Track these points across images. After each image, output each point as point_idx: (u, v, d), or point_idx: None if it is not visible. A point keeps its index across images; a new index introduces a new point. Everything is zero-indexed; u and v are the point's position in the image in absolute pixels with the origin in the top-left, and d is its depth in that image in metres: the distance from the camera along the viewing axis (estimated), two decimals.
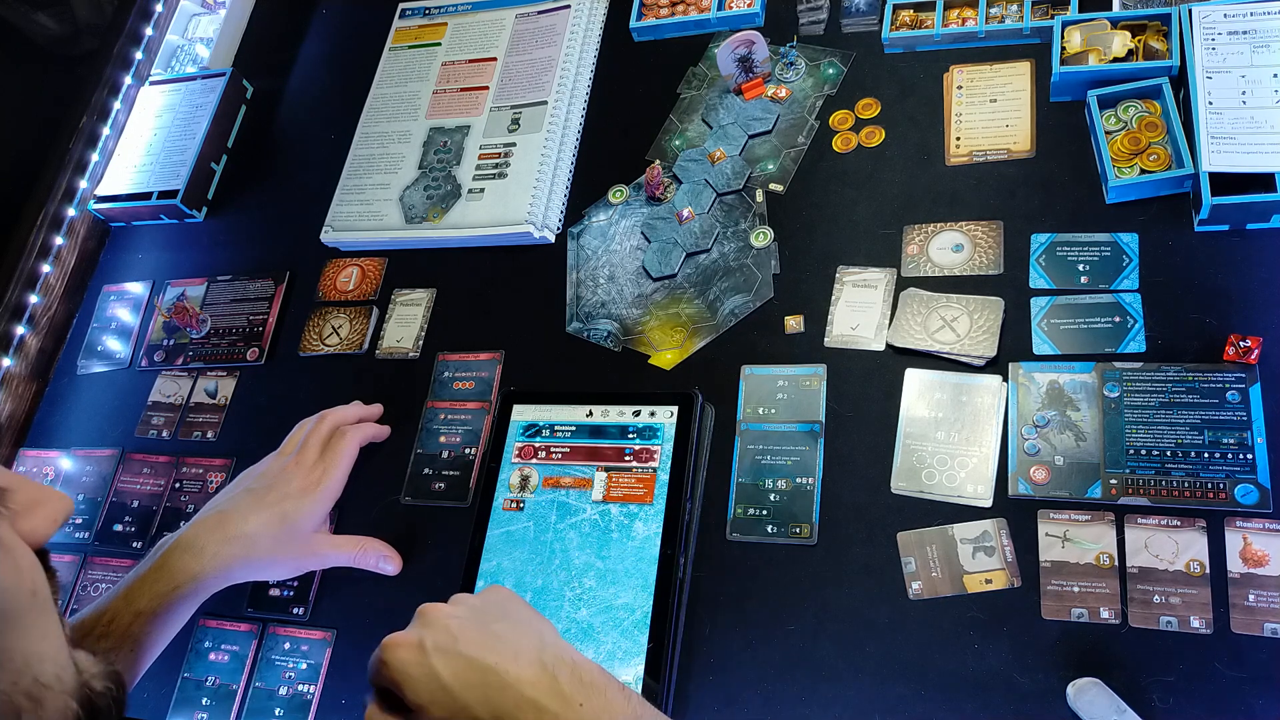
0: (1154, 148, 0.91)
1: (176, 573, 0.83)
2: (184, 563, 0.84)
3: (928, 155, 1.00)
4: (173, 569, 0.83)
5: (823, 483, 0.88)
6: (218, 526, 0.87)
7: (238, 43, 1.43)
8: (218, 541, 0.86)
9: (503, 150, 1.16)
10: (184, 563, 0.84)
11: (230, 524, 0.87)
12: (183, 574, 0.83)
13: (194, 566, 0.84)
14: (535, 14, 1.25)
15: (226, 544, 0.86)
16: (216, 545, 0.85)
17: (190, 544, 0.85)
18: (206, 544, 0.85)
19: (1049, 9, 1.02)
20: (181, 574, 0.83)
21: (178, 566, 0.84)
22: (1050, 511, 0.81)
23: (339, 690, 0.92)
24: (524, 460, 0.95)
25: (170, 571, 0.83)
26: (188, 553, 0.85)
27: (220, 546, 0.85)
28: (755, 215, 1.03)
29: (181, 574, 0.83)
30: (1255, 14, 0.90)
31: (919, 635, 0.80)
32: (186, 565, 0.84)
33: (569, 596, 0.87)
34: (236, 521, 0.87)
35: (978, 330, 0.89)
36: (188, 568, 0.84)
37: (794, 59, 1.10)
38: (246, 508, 0.89)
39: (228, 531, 0.87)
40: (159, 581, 0.83)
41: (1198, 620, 0.75)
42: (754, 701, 0.81)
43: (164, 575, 0.83)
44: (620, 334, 1.02)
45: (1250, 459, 0.78)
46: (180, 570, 0.84)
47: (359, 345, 1.11)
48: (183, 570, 0.84)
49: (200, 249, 1.27)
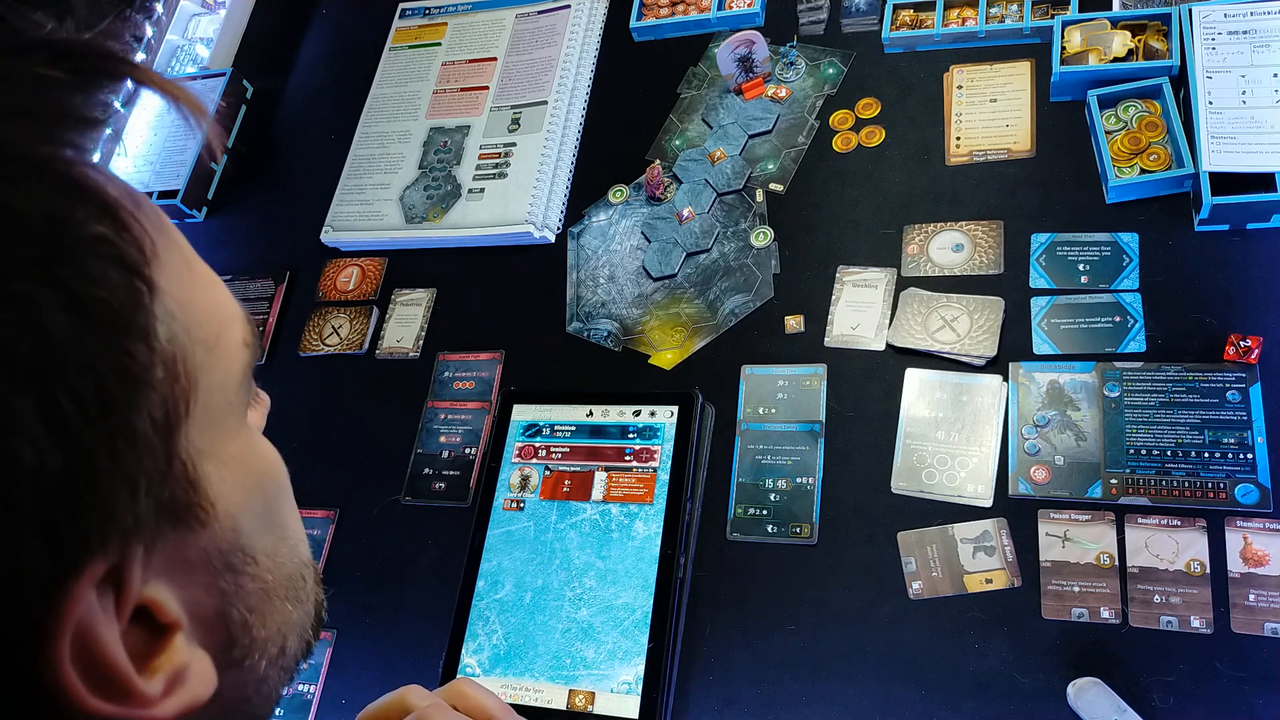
0: (1154, 147, 0.91)
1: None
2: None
3: (928, 155, 1.00)
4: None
5: (823, 483, 0.88)
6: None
7: (238, 43, 1.43)
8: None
9: (503, 150, 1.16)
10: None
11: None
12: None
13: None
14: (535, 14, 1.25)
15: None
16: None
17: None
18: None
19: (1049, 9, 1.02)
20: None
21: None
22: (1050, 511, 0.81)
23: (339, 690, 0.92)
24: (524, 460, 0.95)
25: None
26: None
27: None
28: (755, 215, 1.03)
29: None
30: (1255, 14, 0.90)
31: (919, 635, 0.80)
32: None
33: (569, 596, 0.87)
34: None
35: (978, 330, 0.89)
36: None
37: (794, 59, 1.10)
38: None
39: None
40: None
41: (1198, 620, 0.74)
42: (754, 701, 0.81)
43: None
44: (620, 334, 1.02)
45: (1250, 459, 0.78)
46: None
47: (359, 345, 1.11)
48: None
49: (200, 249, 1.25)
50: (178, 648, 0.29)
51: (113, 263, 0.26)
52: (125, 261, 0.27)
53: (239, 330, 0.33)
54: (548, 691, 0.84)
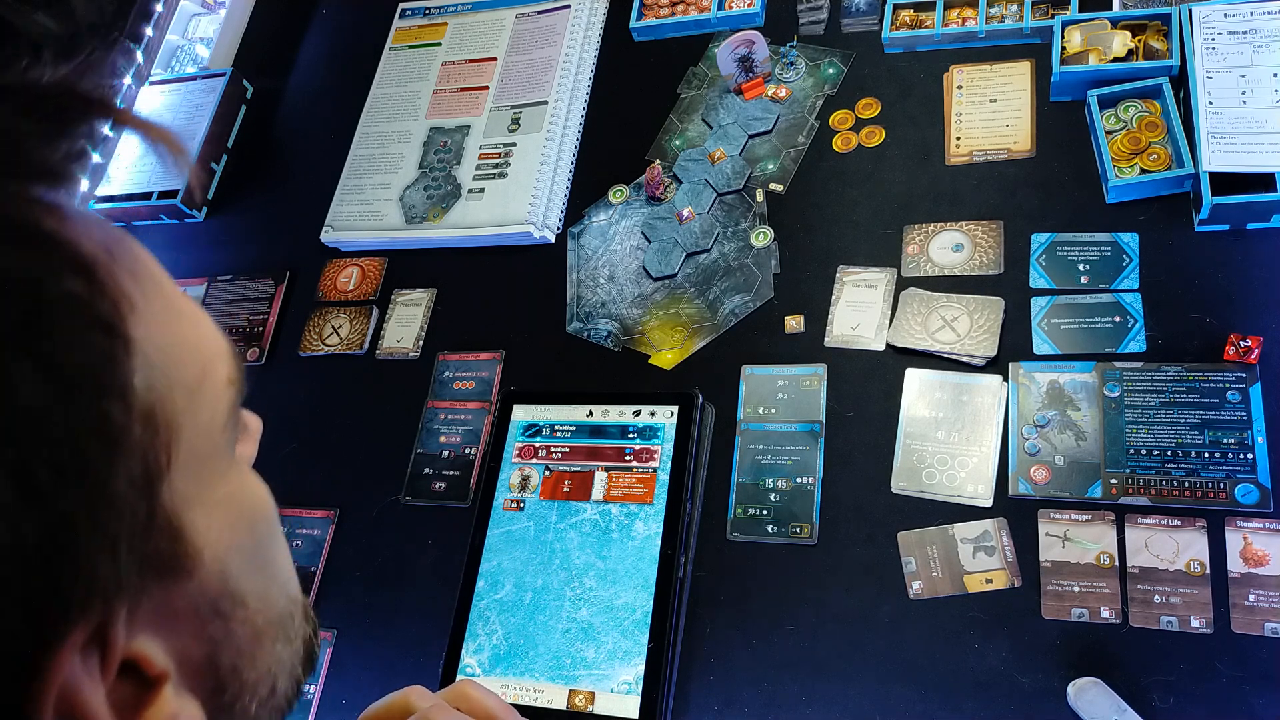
0: (1154, 147, 0.91)
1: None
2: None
3: (928, 155, 1.00)
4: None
5: (823, 483, 0.88)
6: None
7: (238, 43, 1.43)
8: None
9: (503, 150, 1.16)
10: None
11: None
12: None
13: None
14: (535, 14, 1.25)
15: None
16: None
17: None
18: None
19: (1049, 9, 1.02)
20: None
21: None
22: (1051, 511, 0.81)
23: (339, 690, 0.92)
24: (524, 460, 0.95)
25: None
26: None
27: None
28: (755, 215, 1.03)
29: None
30: (1255, 14, 0.90)
31: (919, 635, 0.80)
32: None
33: (569, 596, 0.87)
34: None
35: (978, 330, 0.89)
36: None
37: (794, 59, 1.10)
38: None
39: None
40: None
41: (1198, 620, 0.74)
42: (754, 701, 0.81)
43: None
44: (620, 334, 1.02)
45: (1250, 459, 0.78)
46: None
47: (359, 345, 1.11)
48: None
49: (200, 249, 1.27)
50: (166, 699, 0.29)
51: (88, 323, 0.25)
52: (101, 320, 0.26)
53: (224, 368, 0.32)
54: (548, 691, 0.84)
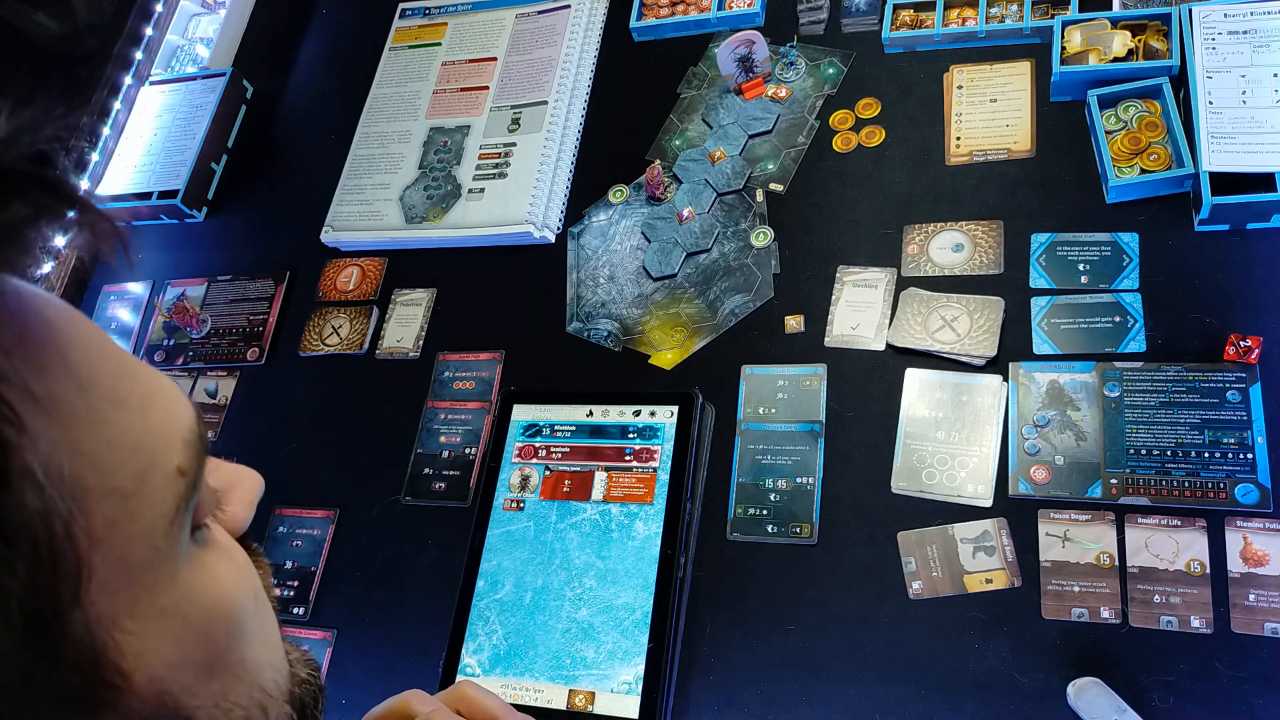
0: (1154, 147, 0.91)
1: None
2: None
3: (928, 155, 1.00)
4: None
5: (823, 482, 0.88)
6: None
7: (238, 43, 1.43)
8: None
9: (503, 150, 1.16)
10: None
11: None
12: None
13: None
14: (535, 14, 1.25)
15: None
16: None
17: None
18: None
19: (1049, 9, 1.02)
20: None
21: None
22: (1050, 511, 0.81)
23: (339, 690, 0.92)
24: (524, 460, 0.95)
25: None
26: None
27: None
28: (755, 215, 1.03)
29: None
30: (1255, 14, 0.90)
31: (919, 635, 0.80)
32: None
33: (569, 596, 0.87)
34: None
35: (978, 330, 0.89)
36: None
37: (794, 59, 1.10)
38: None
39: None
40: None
41: (1198, 620, 0.74)
42: (754, 701, 0.81)
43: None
44: (620, 334, 1.02)
45: (1250, 459, 0.78)
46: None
47: (359, 345, 1.11)
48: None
49: (200, 249, 1.27)
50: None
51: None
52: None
53: (172, 459, 0.27)
54: (548, 691, 0.84)
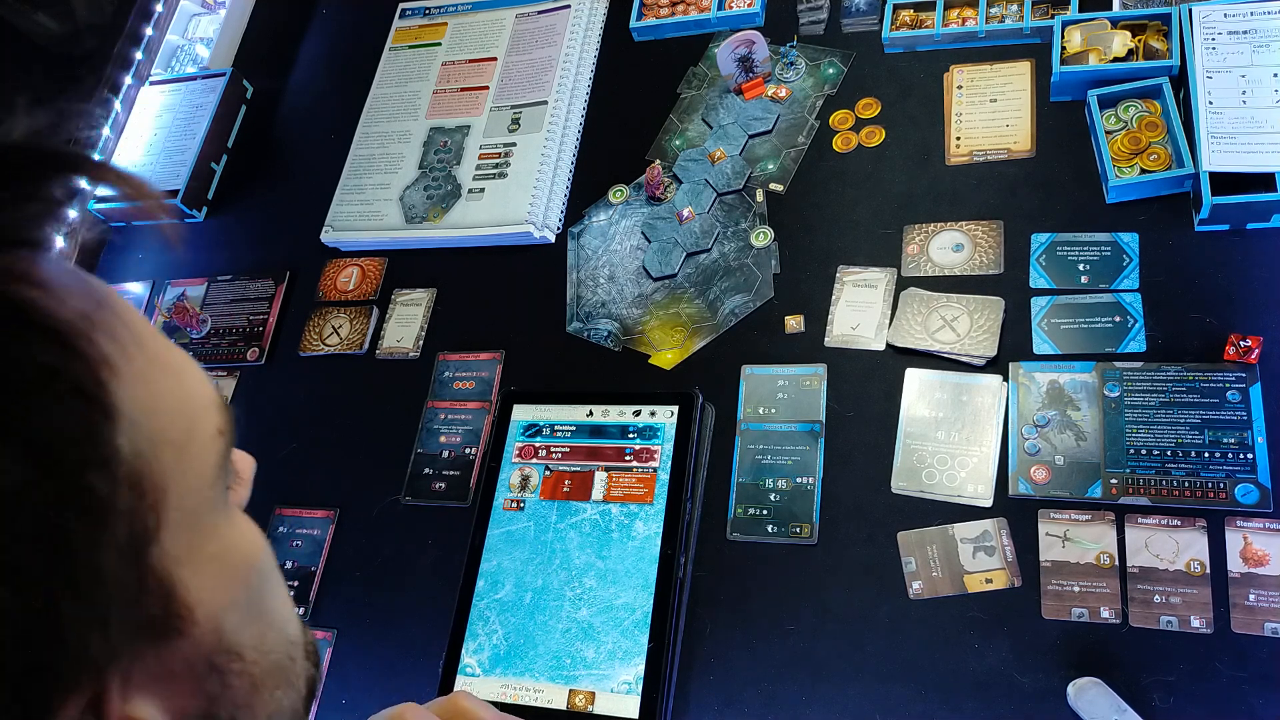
0: (1154, 147, 0.91)
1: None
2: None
3: (928, 155, 1.00)
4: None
5: (823, 482, 0.88)
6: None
7: (238, 43, 1.43)
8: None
9: (503, 150, 1.16)
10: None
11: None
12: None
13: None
14: (535, 14, 1.25)
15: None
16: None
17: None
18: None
19: (1049, 9, 1.02)
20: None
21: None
22: (1051, 511, 0.81)
23: (339, 690, 0.92)
24: (524, 460, 0.95)
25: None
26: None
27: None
28: (755, 215, 1.03)
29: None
30: (1255, 14, 0.90)
31: (919, 635, 0.80)
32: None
33: (569, 596, 0.87)
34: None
35: (978, 330, 0.89)
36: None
37: (794, 59, 1.10)
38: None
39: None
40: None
41: (1198, 620, 0.74)
42: (754, 701, 0.81)
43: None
44: (620, 334, 1.02)
45: (1250, 459, 0.78)
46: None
47: (359, 345, 1.11)
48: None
49: (200, 249, 1.27)
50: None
51: (66, 395, 0.24)
52: (80, 390, 0.25)
53: (212, 420, 0.31)
54: (548, 691, 0.84)
